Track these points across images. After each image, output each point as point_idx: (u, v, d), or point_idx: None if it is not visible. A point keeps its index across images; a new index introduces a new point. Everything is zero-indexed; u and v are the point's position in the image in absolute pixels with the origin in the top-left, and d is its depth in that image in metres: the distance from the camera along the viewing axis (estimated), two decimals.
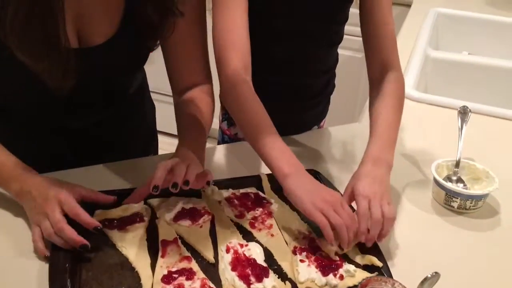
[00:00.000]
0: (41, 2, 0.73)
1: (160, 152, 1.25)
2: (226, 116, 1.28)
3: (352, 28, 1.18)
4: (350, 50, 2.21)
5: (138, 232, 0.83)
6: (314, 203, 0.79)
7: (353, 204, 0.86)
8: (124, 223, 0.84)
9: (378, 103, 0.98)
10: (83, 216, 0.79)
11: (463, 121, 1.06)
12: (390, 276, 0.75)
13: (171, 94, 1.04)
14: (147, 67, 1.11)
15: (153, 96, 1.24)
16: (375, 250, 0.82)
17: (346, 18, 1.13)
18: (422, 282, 0.57)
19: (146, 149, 1.19)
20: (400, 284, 0.62)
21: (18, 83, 0.87)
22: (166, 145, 1.35)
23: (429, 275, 0.56)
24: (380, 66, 1.01)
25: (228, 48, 0.93)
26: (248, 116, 0.90)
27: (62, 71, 0.80)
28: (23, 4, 0.73)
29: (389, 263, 0.80)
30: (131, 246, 0.81)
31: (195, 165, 0.84)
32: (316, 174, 0.98)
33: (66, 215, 0.79)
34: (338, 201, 0.81)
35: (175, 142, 0.95)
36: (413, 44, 1.63)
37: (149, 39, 0.92)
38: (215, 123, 1.37)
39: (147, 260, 0.79)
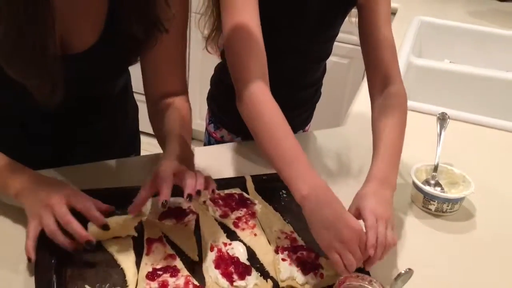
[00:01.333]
0: (32, 22, 0.73)
1: (143, 152, 1.25)
2: (212, 119, 1.30)
3: (339, 34, 1.20)
4: (336, 56, 2.24)
5: None
6: (330, 244, 0.75)
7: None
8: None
9: (381, 120, 0.95)
10: (97, 213, 0.78)
11: (442, 127, 1.09)
12: (368, 274, 0.77)
13: None
14: (131, 68, 1.10)
15: (136, 97, 1.22)
16: None
17: (337, 34, 1.15)
18: (396, 278, 0.59)
19: (128, 148, 1.19)
20: (377, 281, 0.64)
21: (5, 94, 0.87)
22: (149, 145, 1.34)
23: (403, 271, 0.59)
24: (381, 81, 1.00)
25: (247, 56, 0.87)
26: (270, 134, 0.84)
27: (51, 87, 0.80)
28: (14, 23, 0.72)
29: None
30: (116, 244, 0.82)
31: (199, 173, 0.81)
32: None
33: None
34: (355, 239, 0.75)
35: (157, 143, 0.95)
36: (398, 51, 1.67)
37: (130, 52, 0.91)
38: (202, 125, 1.39)
39: (132, 257, 0.80)
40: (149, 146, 1.30)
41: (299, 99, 1.23)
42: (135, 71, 1.17)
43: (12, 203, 0.84)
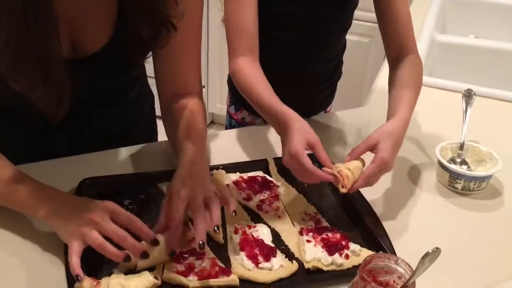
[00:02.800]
0: (33, 29, 0.70)
1: (160, 138, 1.22)
2: (233, 100, 1.30)
3: (358, 12, 1.19)
4: (356, 35, 2.21)
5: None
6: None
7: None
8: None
9: (398, 87, 1.00)
10: (142, 224, 0.75)
11: (468, 104, 1.07)
12: (394, 253, 0.77)
13: None
14: None
15: (150, 81, 1.17)
16: (379, 229, 0.84)
17: (357, 4, 1.15)
18: (423, 257, 0.59)
19: (147, 137, 1.18)
20: (403, 260, 0.64)
21: (11, 99, 0.85)
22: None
23: (430, 250, 0.58)
24: (397, 52, 1.05)
25: (236, 33, 1.01)
26: (255, 91, 0.96)
27: (57, 99, 0.77)
28: (14, 32, 0.69)
29: (393, 242, 0.82)
30: None
31: (213, 201, 0.78)
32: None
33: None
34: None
35: None
36: (420, 28, 1.63)
37: (141, 52, 0.89)
38: (222, 109, 1.39)
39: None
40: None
41: (320, 74, 1.23)
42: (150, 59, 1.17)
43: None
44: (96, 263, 0.77)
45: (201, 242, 0.72)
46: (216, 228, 0.76)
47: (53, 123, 0.81)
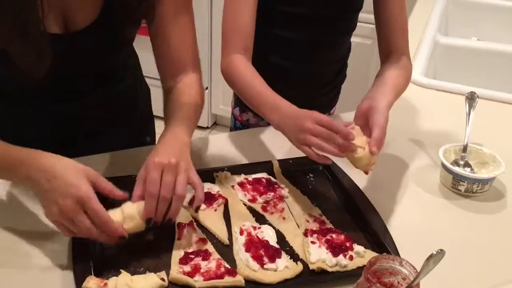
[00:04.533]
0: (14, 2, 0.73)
1: (157, 136, 1.25)
2: (238, 102, 1.31)
3: (362, 14, 1.19)
4: (359, 37, 2.21)
5: None
6: (297, 137, 0.87)
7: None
8: None
9: (386, 71, 1.06)
10: (109, 221, 0.75)
11: (471, 106, 1.07)
12: (398, 255, 0.77)
13: None
14: (141, 52, 1.13)
15: (148, 81, 1.23)
16: (383, 231, 0.85)
17: (361, 5, 1.16)
18: (428, 259, 0.59)
19: (142, 130, 1.20)
20: (408, 262, 0.65)
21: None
22: (162, 130, 1.34)
23: (435, 252, 0.59)
24: (387, 51, 1.09)
25: (232, 32, 1.03)
26: (249, 90, 0.99)
27: (36, 55, 0.80)
28: None
29: (397, 244, 0.82)
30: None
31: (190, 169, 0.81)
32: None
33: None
34: (310, 120, 0.86)
35: None
36: (423, 30, 1.64)
37: (129, 24, 0.92)
38: (226, 111, 1.39)
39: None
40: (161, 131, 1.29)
41: (324, 76, 1.24)
42: (146, 56, 1.18)
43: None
44: (103, 264, 0.78)
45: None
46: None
47: (32, 85, 0.84)
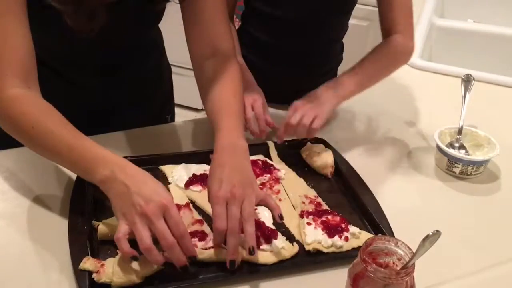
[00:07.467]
0: None
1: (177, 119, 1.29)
2: None
3: None
4: (355, 18, 2.20)
5: None
6: None
7: None
8: None
9: (371, 53, 1.11)
10: (187, 239, 0.72)
11: (467, 89, 1.07)
12: (393, 236, 0.78)
13: (185, 66, 1.05)
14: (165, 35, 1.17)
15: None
16: (379, 212, 0.85)
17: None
18: (424, 240, 0.60)
19: (164, 109, 1.25)
20: (403, 243, 0.65)
21: (51, 34, 0.90)
22: (180, 117, 1.34)
23: (431, 233, 0.60)
24: (385, 31, 1.11)
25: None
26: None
27: (88, 15, 0.81)
28: None
29: (392, 225, 0.83)
30: None
31: (248, 201, 0.75)
32: (324, 142, 1.01)
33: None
34: None
35: (188, 114, 0.95)
36: (419, 12, 1.63)
37: None
38: None
39: None
40: (181, 118, 1.28)
41: (321, 56, 1.24)
42: (168, 44, 1.22)
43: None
44: (101, 245, 0.78)
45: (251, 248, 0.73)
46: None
47: (77, 53, 0.91)
